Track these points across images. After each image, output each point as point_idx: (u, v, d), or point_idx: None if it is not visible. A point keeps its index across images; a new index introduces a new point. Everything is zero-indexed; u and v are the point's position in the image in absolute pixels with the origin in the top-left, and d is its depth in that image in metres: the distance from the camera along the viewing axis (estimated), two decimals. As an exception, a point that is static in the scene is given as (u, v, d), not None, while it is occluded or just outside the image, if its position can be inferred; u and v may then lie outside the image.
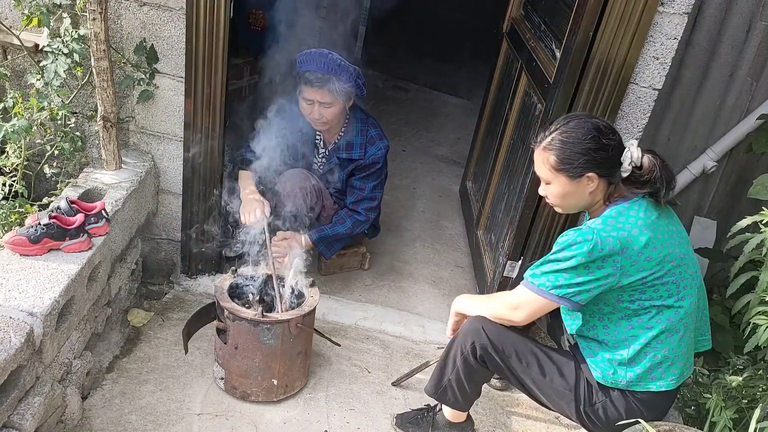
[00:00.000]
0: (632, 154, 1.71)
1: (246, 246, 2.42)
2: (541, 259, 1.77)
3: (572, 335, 1.91)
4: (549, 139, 1.75)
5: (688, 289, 1.76)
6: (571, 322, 1.87)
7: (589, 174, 1.71)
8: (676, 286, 1.73)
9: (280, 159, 2.68)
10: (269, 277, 2.32)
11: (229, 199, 2.59)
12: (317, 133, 2.82)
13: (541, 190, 1.84)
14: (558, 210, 1.87)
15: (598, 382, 1.83)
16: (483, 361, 1.91)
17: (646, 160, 1.72)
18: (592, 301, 1.75)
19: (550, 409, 1.95)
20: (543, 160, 1.77)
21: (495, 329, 1.88)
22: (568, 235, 1.71)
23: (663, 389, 1.79)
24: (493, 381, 2.45)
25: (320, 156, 2.86)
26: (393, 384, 2.43)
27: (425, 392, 2.10)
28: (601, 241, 1.65)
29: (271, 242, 2.42)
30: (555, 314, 2.02)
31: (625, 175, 1.73)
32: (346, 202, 2.84)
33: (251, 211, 2.49)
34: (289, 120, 2.69)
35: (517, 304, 1.80)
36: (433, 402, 2.21)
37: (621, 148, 1.73)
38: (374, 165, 2.75)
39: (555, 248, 1.73)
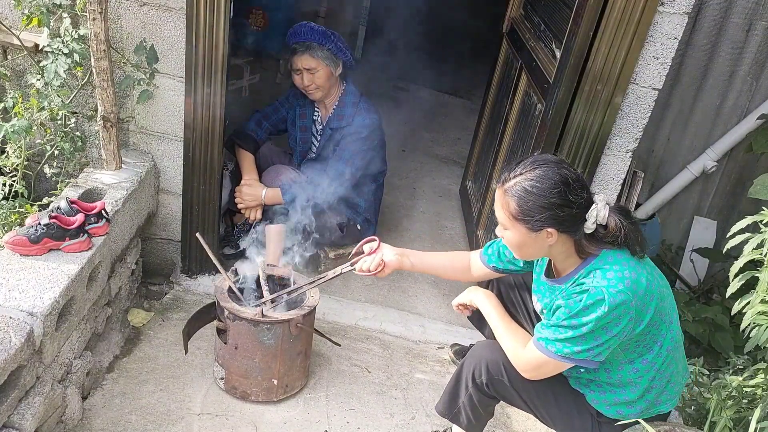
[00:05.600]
0: (598, 212, 1.60)
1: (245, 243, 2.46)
2: (553, 322, 1.66)
3: (568, 378, 1.86)
4: (512, 182, 1.62)
5: (673, 309, 1.75)
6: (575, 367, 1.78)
7: (549, 229, 1.61)
8: (669, 316, 1.71)
9: (280, 140, 2.82)
10: (269, 277, 2.32)
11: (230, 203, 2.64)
12: (315, 110, 2.88)
13: (498, 231, 1.73)
14: (516, 255, 1.78)
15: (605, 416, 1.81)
16: (498, 393, 1.87)
17: (612, 221, 1.62)
18: None
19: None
20: (503, 205, 1.65)
21: (514, 368, 1.80)
22: (573, 299, 1.62)
23: (669, 408, 1.80)
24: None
25: (318, 134, 2.91)
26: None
27: (436, 411, 2.05)
28: (614, 299, 1.56)
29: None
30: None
31: (588, 232, 1.63)
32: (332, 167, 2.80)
33: (255, 207, 2.75)
34: (289, 105, 2.90)
35: (532, 367, 1.72)
36: (442, 428, 2.21)
37: (588, 204, 1.62)
38: (358, 133, 2.77)
39: (565, 312, 1.62)
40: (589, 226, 1.62)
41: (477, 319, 2.25)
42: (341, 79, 2.81)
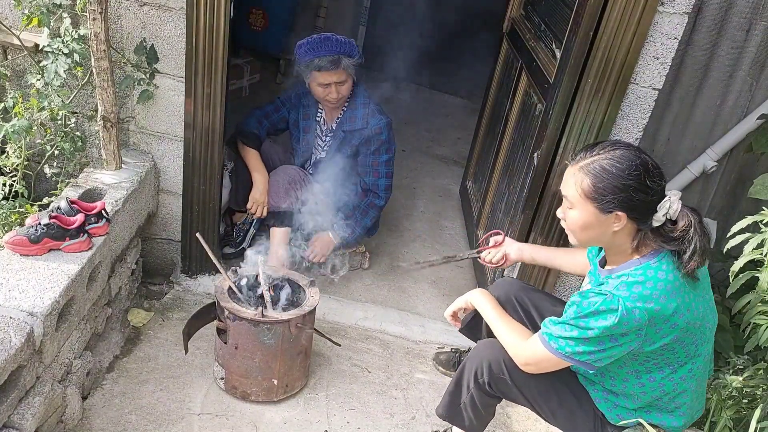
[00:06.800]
0: (671, 205, 1.56)
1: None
2: (562, 319, 1.64)
3: (577, 373, 1.85)
4: (589, 161, 1.59)
5: (705, 345, 1.69)
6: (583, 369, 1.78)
7: (619, 213, 1.57)
8: (695, 346, 1.65)
9: (284, 139, 2.83)
10: (269, 278, 2.32)
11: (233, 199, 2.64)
12: (318, 111, 2.88)
13: (560, 212, 1.71)
14: (572, 240, 1.71)
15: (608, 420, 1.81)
16: (501, 392, 1.86)
17: (683, 218, 1.57)
18: None
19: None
20: (576, 181, 1.61)
21: (516, 365, 1.79)
22: (589, 300, 1.58)
23: (674, 425, 1.78)
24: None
25: (324, 135, 2.89)
26: (402, 265, 2.62)
27: (437, 414, 2.05)
28: (628, 313, 1.52)
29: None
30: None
31: (656, 224, 1.58)
32: (365, 181, 2.87)
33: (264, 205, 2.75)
34: (291, 104, 2.89)
35: (532, 361, 1.71)
36: (442, 428, 2.21)
37: (661, 195, 1.58)
38: (378, 136, 2.78)
39: (576, 311, 1.60)
40: (659, 218, 1.57)
41: (468, 329, 2.26)
42: None
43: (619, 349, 1.60)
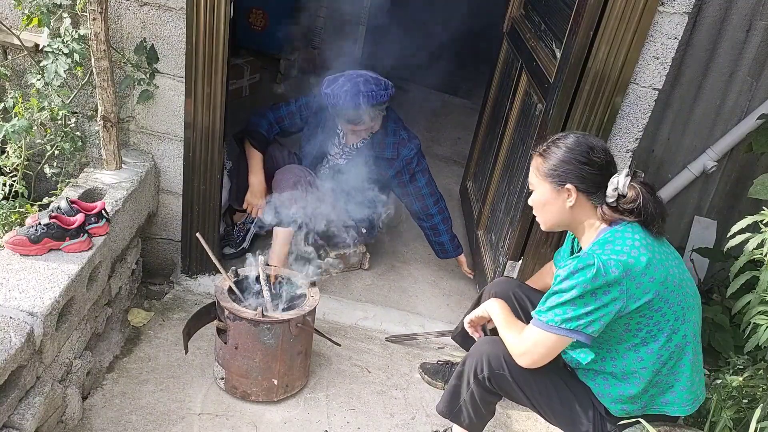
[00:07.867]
0: (618, 181, 1.70)
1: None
2: (548, 293, 1.72)
3: (576, 370, 1.87)
4: (544, 146, 1.78)
5: (692, 311, 1.74)
6: (584, 356, 1.80)
7: (569, 186, 1.71)
8: (681, 308, 1.70)
9: (291, 141, 2.84)
10: (268, 278, 2.32)
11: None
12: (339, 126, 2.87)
13: (530, 201, 1.86)
14: (543, 226, 1.84)
15: (610, 414, 1.81)
16: (500, 388, 1.87)
17: (631, 190, 1.71)
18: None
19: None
20: (535, 165, 1.80)
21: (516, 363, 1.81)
22: (568, 264, 1.66)
23: (678, 414, 1.78)
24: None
25: (341, 146, 2.89)
26: (387, 339, 2.65)
27: (437, 411, 2.05)
28: (603, 264, 1.60)
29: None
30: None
31: (609, 200, 1.71)
32: (413, 209, 2.93)
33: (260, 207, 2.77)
34: (309, 112, 2.85)
35: (527, 348, 1.73)
36: (442, 428, 2.21)
37: (609, 171, 1.73)
38: (410, 164, 2.82)
39: (556, 280, 1.68)
40: (610, 194, 1.70)
41: (460, 338, 2.29)
42: None
43: (605, 310, 1.63)
